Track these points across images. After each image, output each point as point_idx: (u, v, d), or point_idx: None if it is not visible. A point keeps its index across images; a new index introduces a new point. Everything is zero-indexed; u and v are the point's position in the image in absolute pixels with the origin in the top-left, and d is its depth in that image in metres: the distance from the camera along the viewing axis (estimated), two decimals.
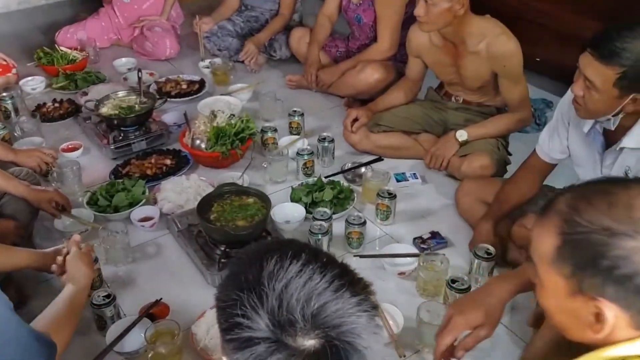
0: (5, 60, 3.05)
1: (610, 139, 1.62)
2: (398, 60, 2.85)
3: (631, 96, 1.47)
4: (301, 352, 0.70)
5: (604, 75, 1.44)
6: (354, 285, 0.76)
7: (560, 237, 0.85)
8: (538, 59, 2.98)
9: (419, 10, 2.16)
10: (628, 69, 1.42)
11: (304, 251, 0.78)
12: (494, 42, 2.18)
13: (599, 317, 0.83)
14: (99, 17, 3.61)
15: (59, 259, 1.60)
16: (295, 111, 2.73)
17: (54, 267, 1.61)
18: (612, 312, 0.82)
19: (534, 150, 1.91)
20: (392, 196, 2.13)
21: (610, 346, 0.85)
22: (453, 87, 2.49)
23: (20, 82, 3.08)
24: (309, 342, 0.71)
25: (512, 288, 1.40)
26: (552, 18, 2.87)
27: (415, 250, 2.00)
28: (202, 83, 3.12)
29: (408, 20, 2.82)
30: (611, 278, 0.80)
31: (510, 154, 2.39)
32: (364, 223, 2.01)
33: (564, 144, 1.78)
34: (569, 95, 1.69)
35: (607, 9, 2.74)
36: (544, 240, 0.88)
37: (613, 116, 1.53)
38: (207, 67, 3.26)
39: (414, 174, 2.42)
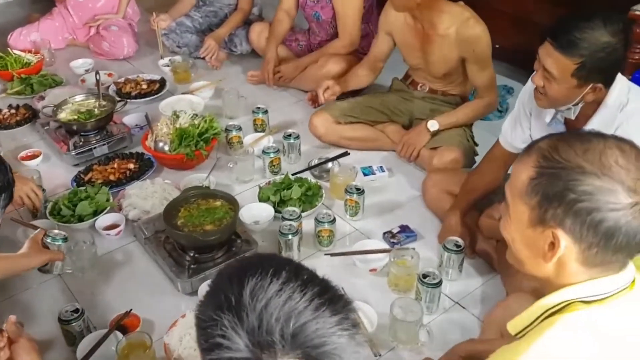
0: None
1: (572, 127, 1.65)
2: (360, 52, 2.85)
3: (590, 85, 1.49)
4: None
5: (563, 65, 1.46)
6: (334, 303, 0.76)
7: (536, 170, 0.94)
8: (497, 46, 3.00)
9: None
10: (586, 58, 1.44)
11: (284, 268, 0.78)
12: (463, 26, 2.20)
13: (552, 246, 0.93)
14: (52, 17, 3.50)
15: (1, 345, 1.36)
16: (259, 108, 2.70)
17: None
18: (564, 242, 0.92)
19: (497, 140, 1.93)
20: (360, 192, 2.13)
21: (560, 289, 0.95)
22: (418, 74, 2.50)
23: None
24: None
25: None
26: (510, 3, 2.89)
27: (385, 245, 2.01)
28: (162, 82, 3.06)
29: (367, 13, 2.82)
30: (572, 210, 0.90)
31: (477, 145, 2.42)
32: (334, 220, 2.01)
33: (527, 134, 1.81)
34: (529, 85, 1.71)
35: None
36: (521, 173, 0.96)
37: (573, 105, 1.56)
38: (167, 65, 3.20)
39: (381, 167, 2.43)
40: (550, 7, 2.72)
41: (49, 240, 1.78)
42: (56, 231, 1.83)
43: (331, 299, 0.76)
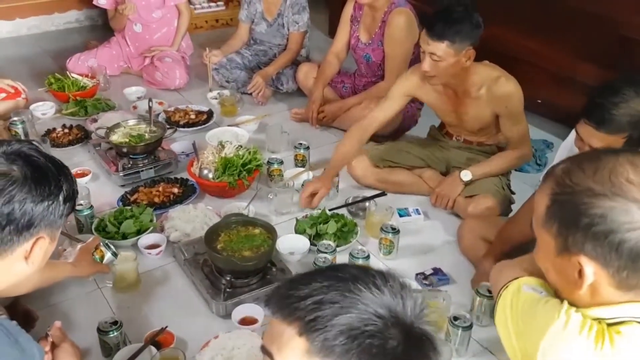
0: (14, 85, 3.09)
1: None
2: None
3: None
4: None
5: (611, 142, 1.48)
6: None
7: (550, 198, 0.94)
8: (539, 101, 3.06)
9: (425, 66, 2.21)
10: (631, 131, 1.46)
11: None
12: (493, 85, 2.25)
13: (580, 273, 0.91)
14: (110, 46, 3.69)
15: (46, 349, 1.45)
16: (300, 144, 2.79)
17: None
18: (591, 268, 0.90)
19: (536, 191, 1.95)
20: (395, 231, 2.17)
21: (596, 307, 0.93)
22: (454, 128, 2.55)
23: (31, 107, 3.11)
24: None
25: None
26: (551, 61, 2.96)
27: (418, 286, 2.03)
28: (210, 114, 3.18)
29: (415, 60, 2.90)
30: (589, 235, 0.88)
31: (513, 193, 2.45)
32: (368, 257, 2.04)
33: None
34: (568, 141, 1.75)
35: (603, 53, 2.83)
36: (540, 203, 0.97)
37: None
38: (215, 98, 3.34)
39: (417, 209, 2.46)
40: (590, 67, 2.78)
41: (103, 248, 1.88)
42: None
43: None
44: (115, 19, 3.61)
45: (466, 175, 2.39)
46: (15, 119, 2.82)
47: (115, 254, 1.92)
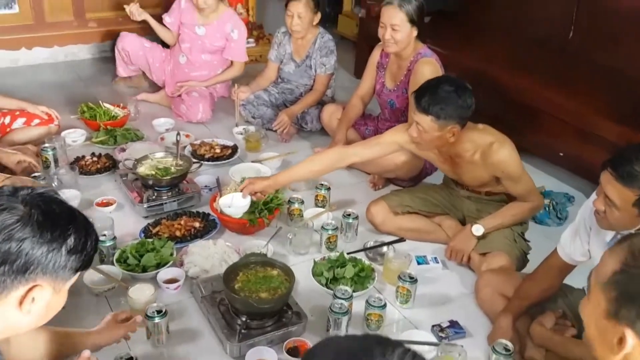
0: (48, 112, 3.18)
1: None
2: None
3: None
4: None
5: (625, 196, 1.51)
6: None
7: (621, 266, 0.96)
8: (561, 154, 3.07)
9: (412, 132, 2.26)
10: None
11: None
12: (487, 152, 2.25)
13: (621, 341, 0.95)
14: (164, 52, 3.81)
15: None
16: (322, 184, 2.82)
17: None
18: (632, 341, 0.93)
19: (555, 249, 1.95)
20: (413, 280, 2.17)
21: None
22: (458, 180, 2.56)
23: (62, 134, 3.19)
24: None
25: None
26: (574, 116, 2.96)
27: (433, 338, 2.02)
28: (234, 148, 3.24)
29: None
30: None
31: (528, 240, 2.44)
32: (385, 306, 2.05)
33: (585, 248, 1.83)
34: (591, 201, 1.75)
35: (628, 111, 2.83)
36: (608, 263, 0.99)
37: (635, 231, 1.59)
38: (241, 133, 3.40)
39: (435, 257, 2.46)
40: (614, 124, 2.78)
41: (149, 315, 1.92)
42: (155, 305, 1.96)
43: None
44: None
45: (478, 230, 2.39)
46: (46, 145, 2.91)
47: (164, 314, 1.96)
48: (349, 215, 2.58)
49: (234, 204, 2.48)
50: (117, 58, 3.89)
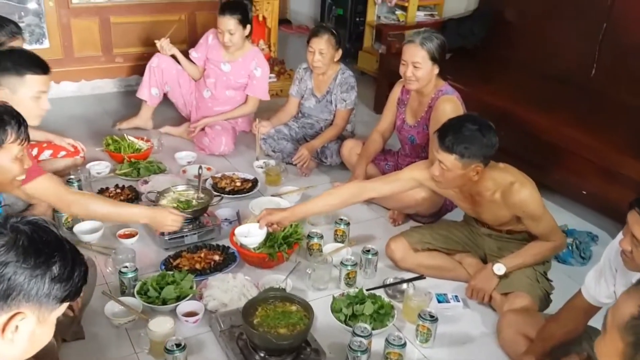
0: (74, 144, 3.25)
1: None
2: None
3: None
4: None
5: None
6: None
7: (639, 310, 0.95)
8: (584, 192, 3.04)
9: (435, 170, 2.25)
10: None
11: None
12: (507, 192, 2.24)
13: None
14: (192, 82, 3.89)
15: None
16: (341, 219, 2.82)
17: None
18: None
19: (580, 290, 1.91)
20: (433, 319, 2.15)
21: None
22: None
23: (88, 165, 3.27)
24: None
25: None
26: (597, 154, 2.94)
27: None
28: (255, 182, 3.27)
29: None
30: None
31: (550, 280, 2.40)
32: (404, 345, 2.02)
33: (611, 290, 1.79)
34: (617, 241, 1.72)
35: None
36: (625, 306, 0.98)
37: None
38: (261, 167, 3.43)
39: (456, 296, 2.43)
40: (636, 162, 2.76)
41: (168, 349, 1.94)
42: (174, 338, 1.98)
43: None
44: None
45: (499, 269, 2.35)
46: (72, 176, 2.97)
47: (184, 347, 1.99)
48: (369, 251, 2.57)
49: (251, 233, 2.49)
50: (145, 78, 3.85)
